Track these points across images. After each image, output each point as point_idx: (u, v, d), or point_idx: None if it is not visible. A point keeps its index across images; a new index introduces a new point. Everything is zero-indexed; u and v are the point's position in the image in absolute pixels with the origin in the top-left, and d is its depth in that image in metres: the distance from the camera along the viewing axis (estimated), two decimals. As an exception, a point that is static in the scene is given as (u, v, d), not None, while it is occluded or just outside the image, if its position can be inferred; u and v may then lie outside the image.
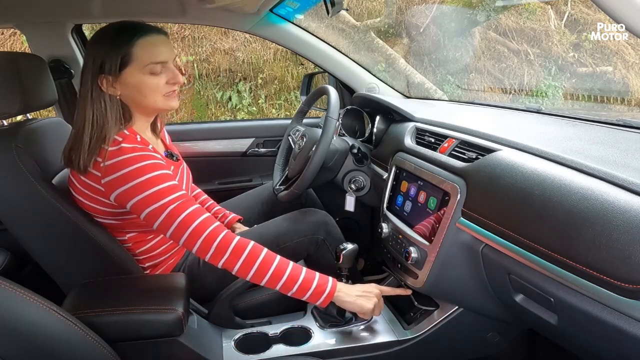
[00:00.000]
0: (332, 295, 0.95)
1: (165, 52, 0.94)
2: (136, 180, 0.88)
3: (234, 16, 1.53)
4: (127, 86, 0.93)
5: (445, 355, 1.11)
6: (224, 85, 4.91)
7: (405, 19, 5.32)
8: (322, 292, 0.94)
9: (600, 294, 0.61)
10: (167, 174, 0.92)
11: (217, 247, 0.89)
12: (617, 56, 5.32)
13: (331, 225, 1.21)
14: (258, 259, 0.90)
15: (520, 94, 5.28)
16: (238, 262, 0.89)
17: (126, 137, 0.93)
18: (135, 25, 0.94)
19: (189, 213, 0.89)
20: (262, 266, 0.90)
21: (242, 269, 0.90)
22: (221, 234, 0.90)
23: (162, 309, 0.86)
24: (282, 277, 0.91)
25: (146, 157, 0.90)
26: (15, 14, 1.44)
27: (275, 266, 0.91)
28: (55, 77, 1.22)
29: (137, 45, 0.91)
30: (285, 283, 0.91)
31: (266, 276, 0.91)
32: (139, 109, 0.98)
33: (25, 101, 0.98)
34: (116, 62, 0.91)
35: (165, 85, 0.95)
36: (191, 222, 0.89)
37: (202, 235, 0.88)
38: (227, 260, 0.89)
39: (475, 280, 0.93)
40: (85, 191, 0.95)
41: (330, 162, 1.30)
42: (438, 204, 0.98)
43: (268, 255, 0.92)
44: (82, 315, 0.81)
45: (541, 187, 0.73)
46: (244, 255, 0.90)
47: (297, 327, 1.11)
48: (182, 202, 0.89)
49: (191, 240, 0.89)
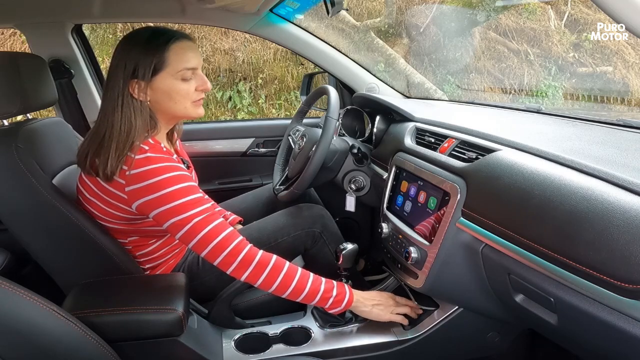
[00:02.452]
0: (350, 304, 1.00)
1: (195, 58, 0.94)
2: (164, 191, 0.88)
3: (234, 16, 1.53)
4: (157, 92, 0.92)
5: (445, 355, 1.11)
6: (224, 85, 4.91)
7: (405, 19, 5.32)
8: (342, 301, 0.99)
9: (601, 294, 0.61)
10: (194, 186, 0.93)
11: (241, 261, 0.91)
12: (617, 56, 5.32)
13: (327, 219, 1.22)
14: (281, 272, 0.93)
15: (520, 94, 5.28)
16: (262, 276, 0.92)
17: (152, 147, 0.92)
18: (167, 30, 0.94)
19: (214, 227, 0.90)
20: (285, 280, 0.93)
21: (265, 283, 0.93)
22: (245, 248, 0.92)
23: (162, 309, 0.86)
24: (305, 289, 0.95)
25: (173, 169, 0.90)
26: (15, 14, 1.44)
27: (297, 279, 0.95)
28: (55, 77, 1.22)
29: (170, 51, 0.90)
30: (307, 295, 0.95)
31: (289, 289, 0.94)
32: (165, 115, 0.97)
33: (26, 101, 0.98)
34: (150, 67, 0.89)
35: (195, 92, 0.95)
36: (215, 236, 0.90)
37: (226, 250, 0.90)
38: (250, 274, 0.92)
39: (475, 280, 0.93)
40: (103, 196, 0.94)
41: (330, 162, 1.30)
42: (438, 204, 0.98)
43: (290, 269, 0.95)
44: (82, 315, 0.81)
45: (541, 187, 0.73)
46: (268, 269, 0.92)
47: (297, 327, 1.11)
48: (207, 216, 0.90)
49: (214, 254, 0.90)
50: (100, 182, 0.93)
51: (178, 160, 0.98)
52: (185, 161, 1.12)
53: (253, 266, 0.91)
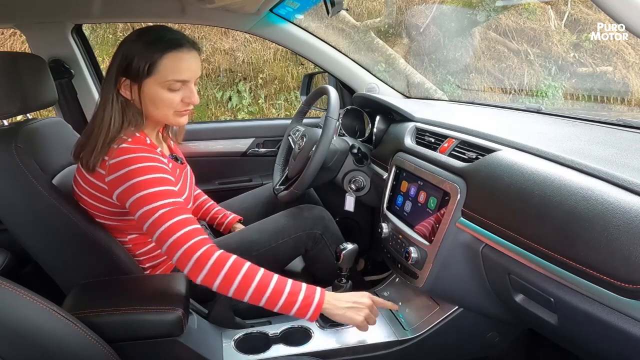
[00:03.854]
0: (320, 307, 0.90)
1: (189, 71, 0.93)
2: (135, 179, 0.87)
3: (234, 16, 1.53)
4: (143, 95, 0.92)
5: (445, 355, 1.11)
6: (224, 85, 4.91)
7: (405, 19, 5.32)
8: (310, 305, 0.89)
9: (600, 294, 0.61)
10: (168, 179, 0.91)
11: (196, 260, 0.84)
12: (617, 56, 5.32)
13: (328, 220, 1.21)
14: (239, 274, 0.85)
15: (520, 94, 5.28)
16: (217, 278, 0.84)
17: (135, 139, 0.92)
18: (172, 36, 0.92)
19: (177, 221, 0.86)
20: (243, 282, 0.85)
21: (222, 286, 0.85)
22: (203, 247, 0.85)
23: (162, 309, 0.86)
24: (266, 291, 0.86)
25: (150, 159, 0.90)
26: (15, 14, 1.44)
27: (258, 280, 0.86)
28: (55, 77, 1.22)
29: (165, 58, 0.89)
30: (269, 298, 0.86)
31: (248, 292, 0.85)
32: (149, 117, 0.97)
33: (25, 101, 0.98)
34: (141, 69, 0.89)
35: (179, 102, 0.94)
36: (177, 230, 0.85)
37: (183, 247, 0.84)
38: (205, 276, 0.85)
39: (475, 280, 0.93)
40: (89, 189, 0.95)
41: (330, 162, 1.30)
42: (438, 204, 0.98)
43: (250, 269, 0.87)
44: (82, 315, 0.81)
45: (541, 187, 0.72)
46: (224, 270, 0.85)
47: (297, 327, 1.11)
48: (174, 209, 0.87)
49: (172, 249, 0.85)
50: (87, 176, 0.94)
51: (163, 155, 0.97)
52: (180, 158, 1.12)
53: (208, 267, 0.84)
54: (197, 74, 0.95)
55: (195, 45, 0.95)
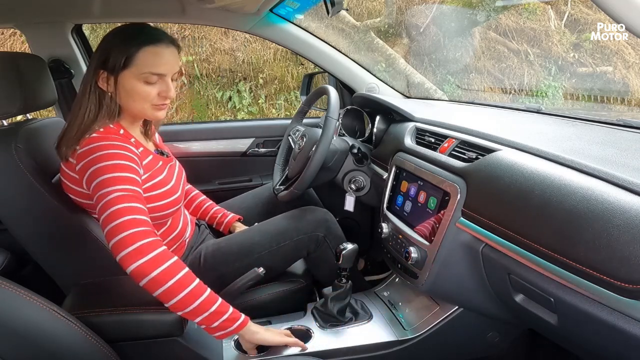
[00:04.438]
0: (239, 330, 0.90)
1: (166, 66, 0.94)
2: (99, 164, 0.88)
3: (234, 16, 1.53)
4: (120, 87, 0.94)
5: (445, 355, 1.11)
6: (224, 85, 4.91)
7: (405, 19, 5.32)
8: (230, 325, 0.88)
9: (600, 294, 0.61)
10: (131, 167, 0.90)
11: (138, 248, 0.81)
12: (617, 56, 5.32)
13: (331, 223, 1.21)
14: (175, 276, 0.82)
15: (520, 94, 5.28)
16: (154, 271, 0.80)
17: (107, 129, 0.94)
18: (150, 31, 0.94)
19: (127, 207, 0.83)
20: (176, 285, 0.82)
21: (153, 282, 0.81)
22: (148, 238, 0.82)
23: (162, 309, 0.86)
24: (191, 304, 0.83)
25: (117, 147, 0.91)
26: (15, 14, 1.44)
27: (187, 292, 0.82)
28: (55, 77, 1.22)
29: (141, 52, 0.92)
30: (197, 308, 0.83)
31: (175, 298, 0.82)
32: (127, 110, 0.99)
33: (25, 101, 0.98)
34: (119, 62, 0.92)
35: (156, 96, 0.96)
36: (122, 215, 0.82)
37: (128, 231, 0.81)
38: (141, 265, 0.80)
39: (475, 280, 0.93)
40: (68, 183, 0.97)
41: (330, 162, 1.30)
42: (438, 204, 0.98)
43: (187, 275, 0.84)
44: (82, 315, 0.81)
45: (541, 187, 0.73)
46: (163, 266, 0.81)
47: (297, 327, 1.11)
48: (125, 195, 0.85)
49: (115, 231, 0.81)
50: (64, 168, 0.96)
51: (138, 145, 0.98)
52: (165, 152, 1.13)
53: (149, 257, 0.80)
54: (174, 69, 0.97)
55: (175, 42, 0.97)
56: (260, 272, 1.04)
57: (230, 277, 1.07)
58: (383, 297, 1.26)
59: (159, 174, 1.01)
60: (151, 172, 0.99)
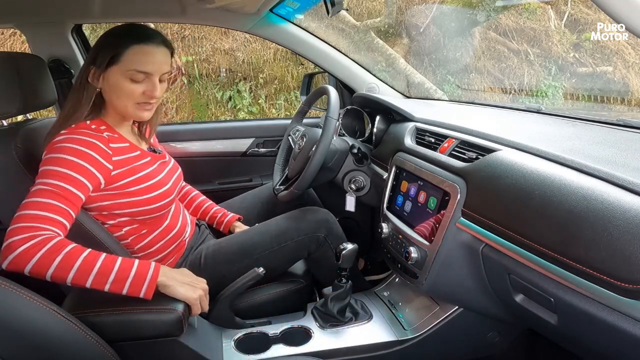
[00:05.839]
0: (155, 281, 0.84)
1: (154, 65, 0.95)
2: (48, 155, 0.89)
3: (234, 16, 1.53)
4: (106, 83, 0.96)
5: (446, 355, 1.11)
6: (224, 85, 4.92)
7: (405, 19, 5.32)
8: (144, 280, 0.83)
9: (600, 294, 0.61)
10: (77, 164, 0.88)
11: (20, 239, 0.78)
12: (617, 56, 5.32)
13: (332, 223, 1.21)
14: (60, 253, 0.79)
15: (520, 94, 5.28)
16: (34, 258, 0.77)
17: (82, 124, 0.96)
18: (141, 30, 0.95)
19: (34, 202, 0.82)
20: (65, 261, 0.79)
21: (38, 266, 0.78)
22: (40, 233, 0.79)
23: (162, 309, 0.86)
24: (92, 270, 0.80)
25: (75, 141, 0.90)
26: (15, 14, 1.44)
27: (81, 260, 0.80)
28: (55, 77, 1.22)
29: (130, 49, 0.93)
30: (96, 277, 0.80)
31: (71, 272, 0.79)
32: (112, 107, 1.00)
33: (25, 101, 0.98)
34: (107, 58, 0.93)
35: (140, 94, 0.96)
36: (24, 208, 0.81)
37: (22, 223, 0.79)
38: (23, 251, 0.77)
39: (475, 280, 0.93)
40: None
41: (330, 162, 1.30)
42: (438, 204, 0.98)
43: (75, 249, 0.81)
44: (82, 315, 0.81)
45: (541, 187, 0.73)
46: (43, 250, 0.78)
47: (297, 327, 1.11)
48: (45, 190, 0.83)
49: (14, 221, 0.80)
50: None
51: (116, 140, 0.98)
52: (159, 150, 1.14)
53: (30, 245, 0.77)
54: (163, 70, 0.97)
55: (167, 43, 0.98)
56: (260, 272, 1.04)
57: (231, 278, 1.07)
58: (383, 297, 1.26)
59: (144, 168, 1.01)
60: (132, 166, 0.99)
